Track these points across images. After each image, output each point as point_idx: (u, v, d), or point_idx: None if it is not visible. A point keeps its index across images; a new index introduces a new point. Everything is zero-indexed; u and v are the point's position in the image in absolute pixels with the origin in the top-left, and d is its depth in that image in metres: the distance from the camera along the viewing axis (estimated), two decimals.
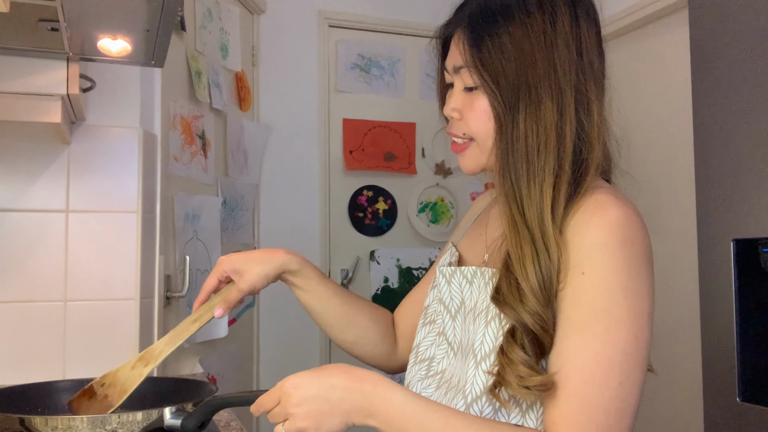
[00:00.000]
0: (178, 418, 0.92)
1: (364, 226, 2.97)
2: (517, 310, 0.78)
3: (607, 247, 0.77)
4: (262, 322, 2.74)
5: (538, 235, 0.80)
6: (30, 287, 1.48)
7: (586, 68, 0.85)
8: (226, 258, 1.05)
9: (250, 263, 1.03)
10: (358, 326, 1.10)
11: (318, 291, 1.08)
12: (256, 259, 1.04)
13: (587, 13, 0.87)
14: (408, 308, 1.14)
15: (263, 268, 1.03)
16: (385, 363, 1.13)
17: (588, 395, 0.74)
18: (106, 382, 1.02)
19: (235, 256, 1.05)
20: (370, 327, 1.11)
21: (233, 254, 1.06)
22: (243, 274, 1.03)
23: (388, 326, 1.13)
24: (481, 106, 0.86)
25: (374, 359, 1.13)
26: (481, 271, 0.90)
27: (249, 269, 1.03)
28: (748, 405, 1.34)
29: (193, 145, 2.03)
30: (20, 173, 1.49)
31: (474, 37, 0.85)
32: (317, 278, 1.07)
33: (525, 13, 0.83)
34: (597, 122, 0.84)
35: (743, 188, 1.35)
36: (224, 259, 1.04)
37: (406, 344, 1.12)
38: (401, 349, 1.13)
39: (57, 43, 1.11)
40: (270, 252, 1.06)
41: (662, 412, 2.38)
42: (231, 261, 1.04)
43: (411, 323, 1.10)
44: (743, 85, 1.36)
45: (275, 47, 2.82)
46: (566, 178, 0.81)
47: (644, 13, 2.46)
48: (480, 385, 0.83)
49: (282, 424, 0.77)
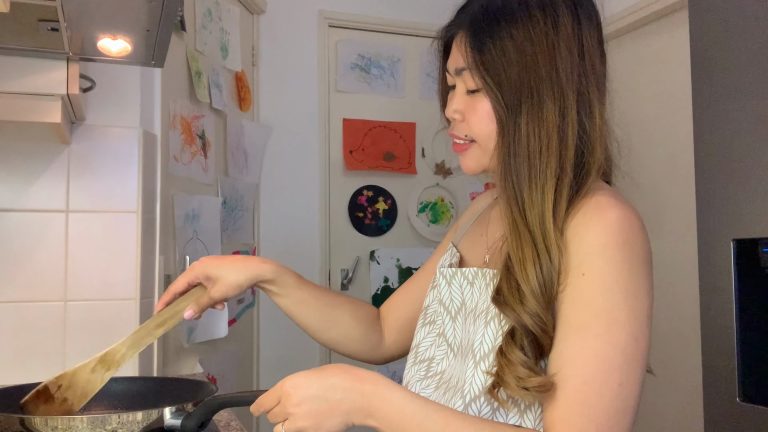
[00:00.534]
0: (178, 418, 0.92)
1: (364, 226, 2.97)
2: (517, 311, 0.78)
3: (606, 249, 0.77)
4: (262, 322, 2.74)
5: (539, 237, 0.80)
6: (30, 287, 1.48)
7: (588, 70, 0.85)
8: (200, 263, 1.03)
9: (223, 271, 1.02)
10: (340, 326, 1.10)
11: (295, 296, 1.07)
12: (230, 267, 1.02)
13: (589, 15, 0.87)
14: (397, 303, 1.14)
15: (236, 278, 1.02)
16: (370, 357, 1.14)
17: (588, 396, 0.74)
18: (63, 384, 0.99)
19: (209, 260, 1.03)
20: (352, 326, 1.11)
21: (207, 259, 1.03)
22: (216, 281, 1.02)
23: (371, 322, 1.13)
24: (483, 108, 0.86)
25: (359, 355, 1.13)
26: (482, 272, 0.90)
27: (222, 277, 1.01)
28: (748, 405, 1.34)
29: (193, 145, 2.03)
30: (20, 173, 1.49)
31: (476, 40, 0.85)
32: (294, 283, 1.07)
33: (527, 15, 0.83)
34: (599, 124, 0.84)
35: (743, 188, 1.35)
36: (197, 265, 1.02)
37: (392, 338, 1.13)
38: (387, 342, 1.13)
39: (57, 43, 1.11)
40: (244, 260, 1.04)
41: (662, 412, 2.38)
42: (204, 266, 1.02)
43: (400, 317, 1.11)
44: (743, 85, 1.36)
45: (275, 47, 2.82)
46: (568, 180, 0.81)
47: (644, 13, 2.46)
48: (478, 385, 0.83)
49: (282, 423, 0.77)
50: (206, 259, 1.03)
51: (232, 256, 1.05)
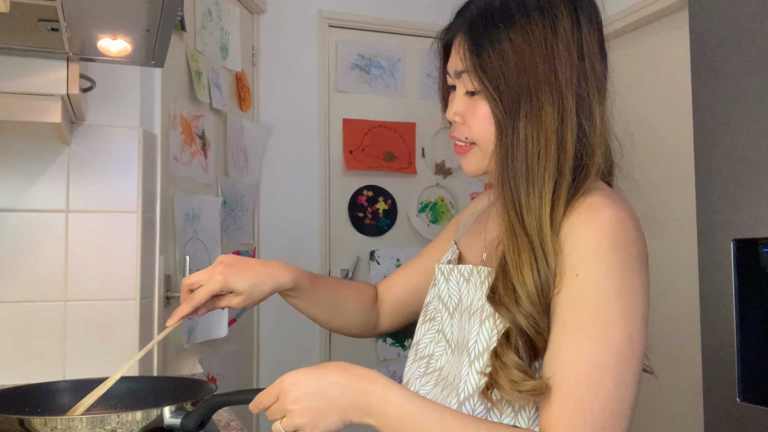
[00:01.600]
0: (178, 418, 0.92)
1: (364, 226, 2.97)
2: (512, 311, 0.78)
3: (600, 249, 0.77)
4: (262, 322, 2.74)
5: (537, 242, 0.79)
6: (30, 287, 1.48)
7: (588, 72, 0.84)
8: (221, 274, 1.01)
9: (246, 284, 1.02)
10: (345, 317, 1.15)
11: (307, 298, 1.10)
12: (252, 279, 1.02)
13: (589, 16, 0.86)
14: (395, 285, 1.18)
15: (260, 292, 1.03)
16: (366, 335, 1.20)
17: (583, 398, 0.74)
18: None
19: (230, 271, 1.01)
20: (355, 315, 1.16)
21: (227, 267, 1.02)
22: (239, 294, 1.02)
23: (371, 306, 1.18)
24: (483, 111, 0.86)
25: (358, 335, 1.19)
26: (477, 269, 0.90)
27: (245, 291, 1.02)
28: (748, 405, 1.34)
29: (193, 145, 2.03)
30: (20, 173, 1.49)
31: (474, 43, 0.85)
32: (308, 287, 1.09)
33: (525, 18, 0.83)
34: (599, 126, 0.84)
35: (743, 188, 1.35)
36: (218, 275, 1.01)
37: (387, 318, 1.18)
38: (383, 321, 1.19)
39: (57, 43, 1.11)
40: (264, 269, 1.04)
41: (662, 412, 2.38)
42: (226, 279, 1.01)
43: (396, 301, 1.17)
44: (743, 85, 1.36)
45: (275, 47, 2.82)
46: (566, 184, 0.81)
47: (644, 13, 2.46)
48: (472, 384, 0.83)
49: (280, 420, 0.78)
50: (226, 268, 1.02)
51: (251, 263, 1.04)
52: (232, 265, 1.02)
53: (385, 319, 1.18)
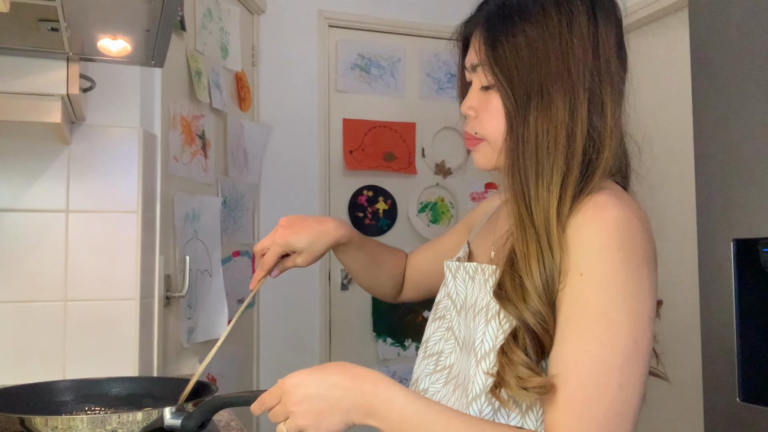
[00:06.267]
0: (178, 418, 0.92)
1: (364, 226, 2.97)
2: (520, 307, 0.78)
3: (605, 249, 0.77)
4: (262, 322, 2.74)
5: (543, 234, 0.79)
6: (30, 287, 1.48)
7: (602, 69, 0.84)
8: (281, 236, 1.09)
9: (306, 242, 1.09)
10: (378, 278, 1.23)
11: (353, 254, 1.18)
12: (312, 237, 1.10)
13: (607, 13, 0.87)
14: (422, 257, 1.24)
15: (320, 248, 1.11)
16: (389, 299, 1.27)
17: (587, 399, 0.74)
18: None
19: (290, 232, 1.09)
20: (387, 280, 1.24)
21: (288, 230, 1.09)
22: (301, 252, 1.10)
23: (400, 274, 1.26)
24: (496, 105, 0.86)
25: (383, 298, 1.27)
26: (482, 267, 0.90)
27: (307, 248, 1.09)
28: (748, 405, 1.34)
29: (193, 145, 2.03)
30: (20, 173, 1.49)
31: (490, 36, 0.85)
32: (357, 244, 1.16)
33: (542, 13, 0.83)
34: (610, 124, 0.84)
35: (743, 188, 1.35)
36: (279, 237, 1.08)
37: (409, 289, 1.26)
38: (405, 292, 1.26)
39: (57, 43, 1.11)
40: (321, 225, 1.11)
41: (662, 412, 2.38)
42: (287, 239, 1.08)
43: (420, 270, 1.23)
44: (743, 85, 1.36)
45: (275, 47, 2.82)
46: (573, 178, 0.81)
47: (644, 13, 2.46)
48: (479, 385, 0.83)
49: (283, 423, 0.77)
50: (285, 230, 1.09)
51: (307, 221, 1.12)
52: (290, 226, 1.10)
53: (408, 287, 1.25)
